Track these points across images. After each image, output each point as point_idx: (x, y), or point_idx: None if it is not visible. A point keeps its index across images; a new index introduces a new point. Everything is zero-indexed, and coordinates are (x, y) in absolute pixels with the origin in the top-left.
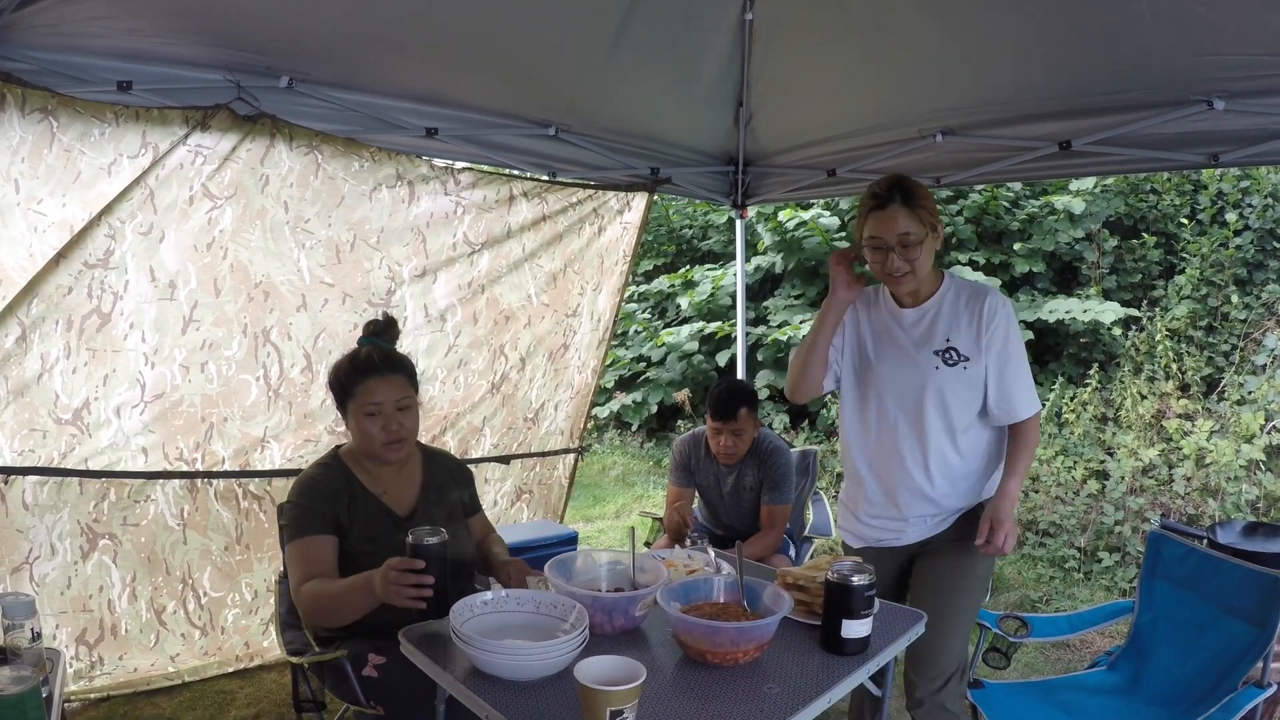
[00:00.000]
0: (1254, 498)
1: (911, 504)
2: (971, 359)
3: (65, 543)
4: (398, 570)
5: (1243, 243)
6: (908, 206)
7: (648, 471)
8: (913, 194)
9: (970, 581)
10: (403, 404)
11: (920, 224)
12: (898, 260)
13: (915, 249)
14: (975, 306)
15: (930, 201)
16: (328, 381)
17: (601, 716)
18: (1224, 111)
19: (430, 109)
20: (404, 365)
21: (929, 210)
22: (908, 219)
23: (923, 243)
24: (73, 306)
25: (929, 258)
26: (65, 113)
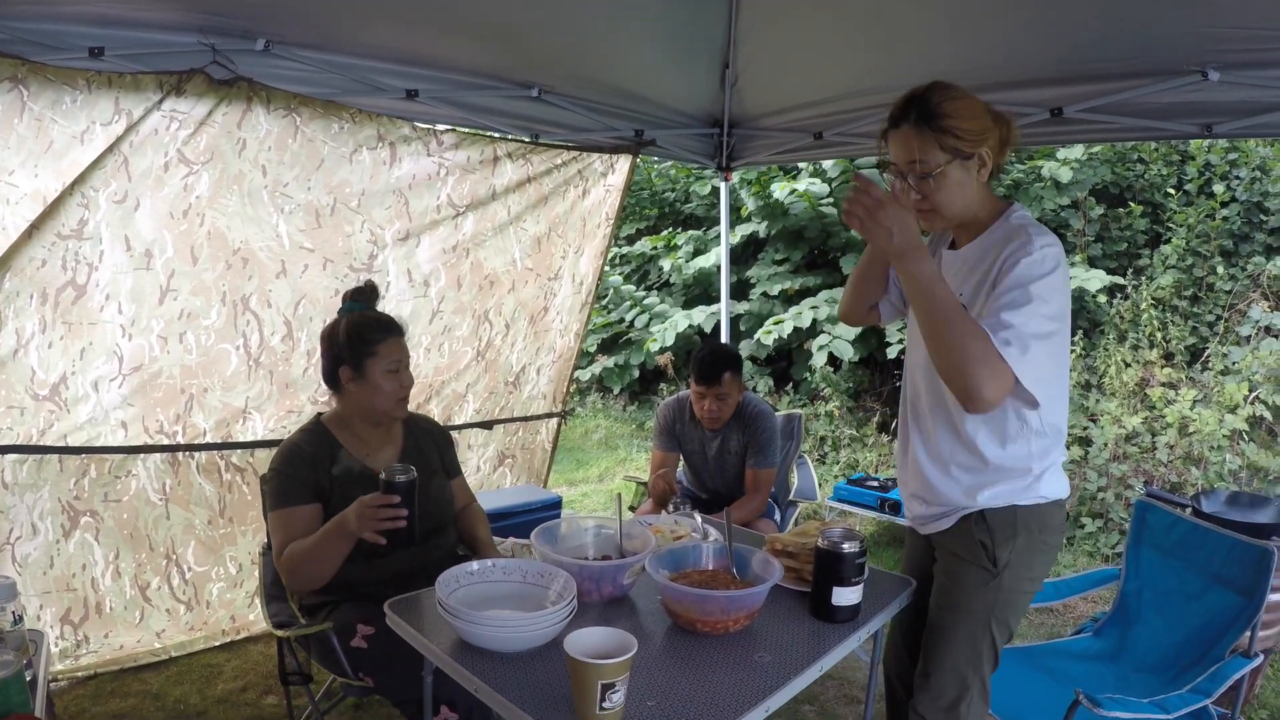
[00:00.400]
0: (1236, 467)
1: (910, 482)
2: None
3: (46, 522)
4: (371, 505)
5: (1229, 214)
6: (923, 126)
7: (630, 435)
8: (934, 111)
9: (958, 607)
10: (408, 363)
11: (939, 149)
12: (913, 193)
13: (931, 181)
14: (998, 252)
15: (968, 119)
16: (335, 341)
17: (593, 690)
18: (1219, 83)
19: (411, 70)
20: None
21: (960, 132)
22: (920, 142)
23: (944, 173)
24: (47, 279)
25: (960, 191)
26: (36, 81)
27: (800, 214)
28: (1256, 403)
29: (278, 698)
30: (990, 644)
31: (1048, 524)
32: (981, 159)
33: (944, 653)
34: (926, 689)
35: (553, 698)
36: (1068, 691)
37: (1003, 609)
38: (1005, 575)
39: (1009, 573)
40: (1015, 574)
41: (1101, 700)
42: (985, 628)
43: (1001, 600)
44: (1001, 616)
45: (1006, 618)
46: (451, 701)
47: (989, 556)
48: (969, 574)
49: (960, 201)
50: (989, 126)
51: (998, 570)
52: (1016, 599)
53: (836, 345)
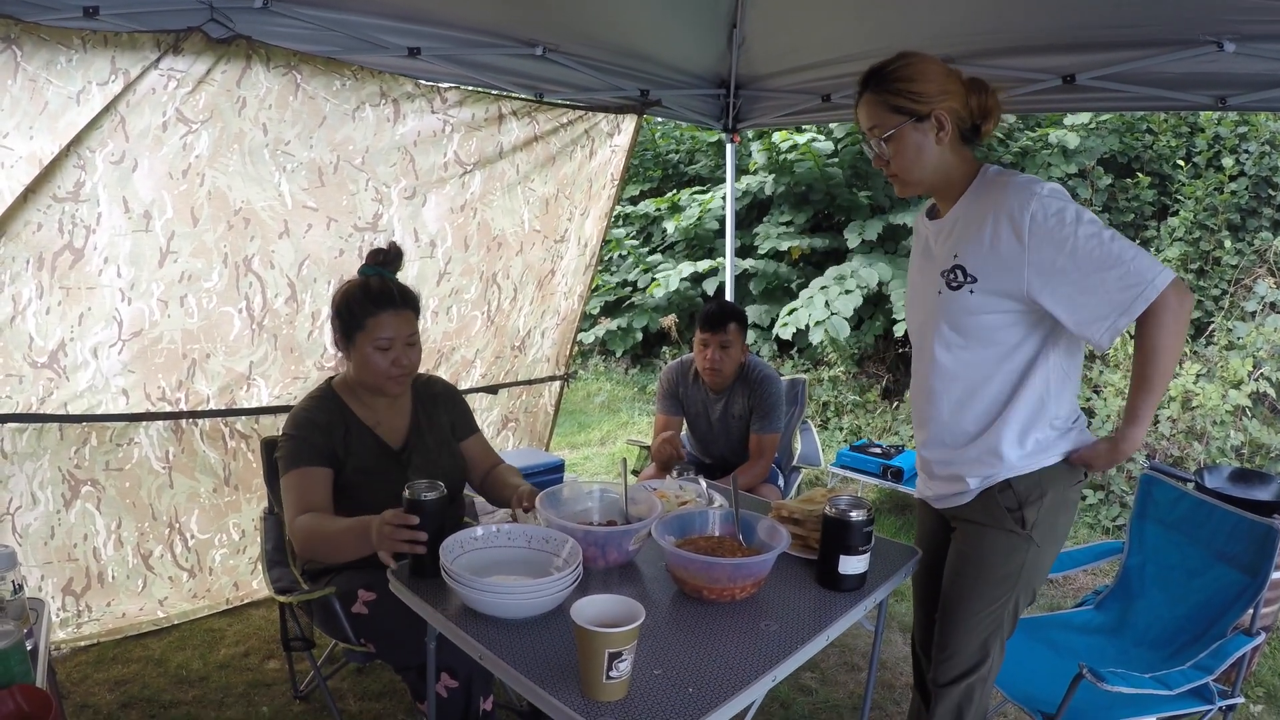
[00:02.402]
0: (1239, 443)
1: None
2: (983, 279)
3: (47, 491)
4: (392, 525)
5: (1238, 188)
6: (878, 91)
7: (633, 398)
8: (884, 76)
9: (985, 575)
10: (411, 339)
11: (891, 111)
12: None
13: (889, 145)
14: (998, 208)
15: (921, 81)
16: (334, 308)
17: (600, 658)
18: (1234, 54)
19: (412, 27)
20: (414, 300)
21: (909, 93)
22: (876, 108)
23: (899, 135)
24: (43, 243)
25: (918, 154)
26: (29, 40)
27: (806, 173)
28: (1260, 379)
29: (280, 663)
30: (1013, 610)
31: (1072, 477)
32: (938, 121)
33: (965, 620)
34: (946, 658)
35: (558, 666)
36: (1069, 664)
37: (1030, 572)
38: (1034, 535)
39: (1038, 532)
40: (1043, 533)
41: (1105, 675)
42: (1010, 593)
43: (1030, 563)
44: (1028, 580)
45: (1033, 581)
46: (451, 669)
47: (1017, 519)
48: (995, 540)
49: (921, 164)
50: (948, 89)
51: (1027, 531)
52: (1044, 560)
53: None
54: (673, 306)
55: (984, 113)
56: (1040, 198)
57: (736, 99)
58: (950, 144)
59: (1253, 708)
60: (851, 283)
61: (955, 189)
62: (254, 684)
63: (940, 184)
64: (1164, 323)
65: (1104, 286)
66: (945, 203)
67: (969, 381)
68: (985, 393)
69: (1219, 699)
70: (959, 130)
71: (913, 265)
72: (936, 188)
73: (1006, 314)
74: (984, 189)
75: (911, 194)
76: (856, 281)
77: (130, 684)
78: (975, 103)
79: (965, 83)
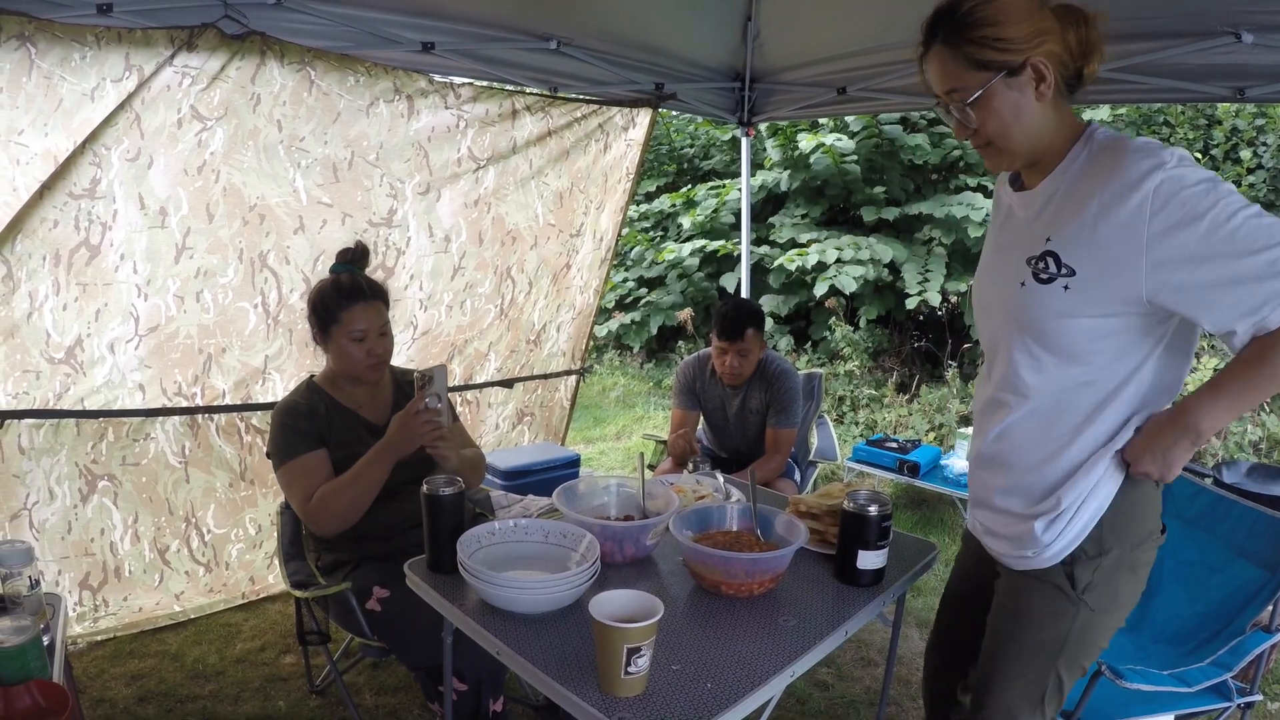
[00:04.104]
0: (1256, 439)
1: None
2: (1081, 271)
3: (64, 486)
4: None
5: (1256, 181)
6: (953, 42)
7: (648, 393)
8: (962, 20)
9: (1019, 637)
10: (383, 329)
11: (975, 67)
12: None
13: (976, 110)
14: (1110, 182)
15: (1009, 23)
16: (310, 306)
17: (618, 654)
18: (1252, 45)
19: (426, 22)
20: (383, 292)
21: (995, 41)
22: (953, 64)
23: (989, 95)
24: (60, 240)
25: (1016, 117)
26: (43, 38)
27: (823, 169)
28: None
29: (296, 657)
30: (1057, 684)
31: (1142, 531)
32: (1037, 71)
33: (1000, 686)
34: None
35: (576, 661)
36: None
37: (1077, 643)
38: (1087, 598)
39: (1092, 596)
40: (1099, 598)
41: (1124, 672)
42: (1050, 665)
43: (1078, 632)
44: (1074, 652)
45: (1081, 653)
46: (460, 673)
47: (1066, 574)
48: (1039, 595)
49: (1021, 130)
50: (1045, 28)
51: (1078, 592)
52: (1097, 631)
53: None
54: (688, 300)
55: (1086, 50)
56: (1167, 169)
57: (751, 92)
58: (1054, 98)
59: (1270, 705)
60: (865, 253)
61: (1056, 154)
62: (270, 679)
63: (1043, 149)
64: None
65: (1254, 273)
66: (1037, 174)
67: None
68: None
69: (1237, 696)
70: (1061, 79)
71: (989, 244)
72: (1038, 154)
73: (1111, 319)
74: (1091, 156)
75: (1008, 167)
76: (871, 253)
77: (147, 678)
78: (1074, 39)
79: (1058, 14)
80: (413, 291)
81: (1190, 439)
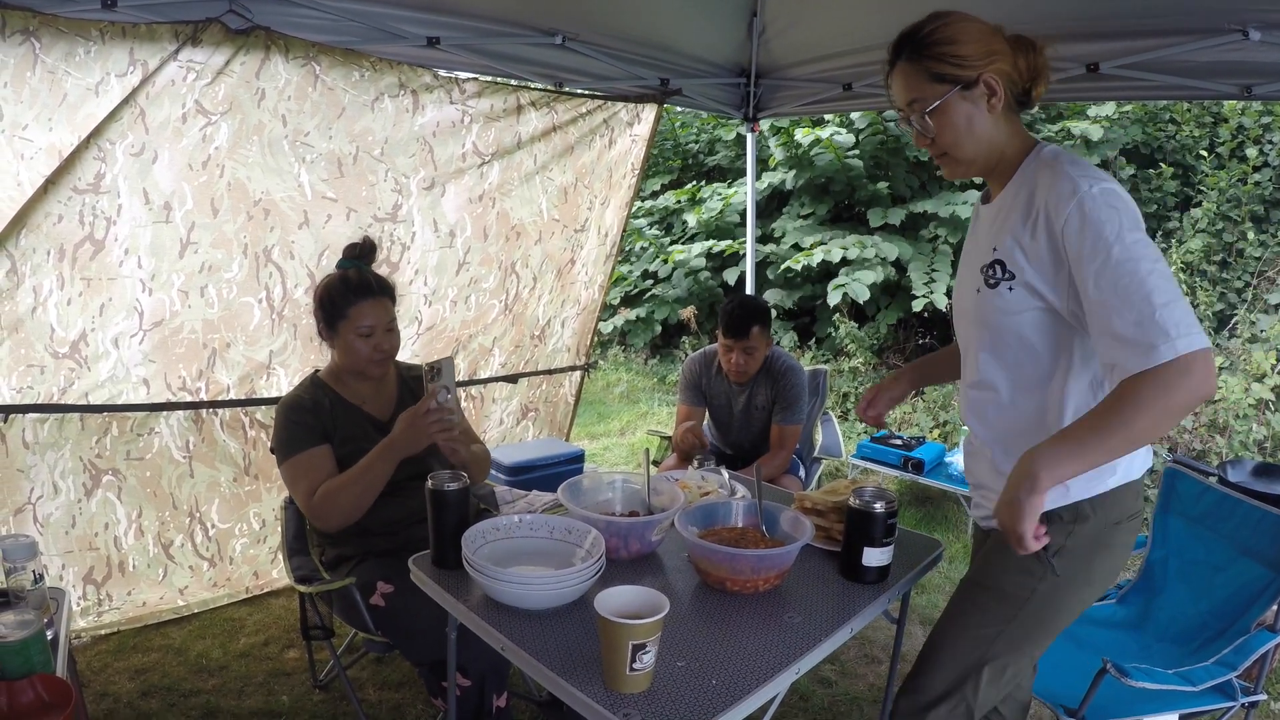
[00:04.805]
0: (1262, 437)
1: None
2: (1020, 275)
3: (68, 481)
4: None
5: (1261, 179)
6: (915, 59)
7: (652, 388)
8: (924, 40)
9: (989, 584)
10: (390, 325)
11: (933, 80)
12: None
13: (934, 119)
14: (1038, 196)
15: (964, 42)
16: (317, 301)
17: (624, 651)
18: (1259, 43)
19: (431, 17)
20: (390, 288)
21: (951, 57)
22: (912, 79)
23: (945, 107)
24: (64, 235)
25: (969, 127)
26: (48, 33)
27: (826, 166)
28: None
29: (299, 652)
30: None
31: (1123, 511)
32: (989, 86)
33: (950, 635)
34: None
35: (581, 657)
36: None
37: (1040, 606)
38: (1056, 563)
39: (1061, 561)
40: (1069, 566)
41: (1129, 670)
42: (1012, 618)
43: (1042, 595)
44: (1036, 615)
45: (1042, 621)
46: (464, 669)
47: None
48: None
49: (973, 140)
50: (996, 49)
51: (1048, 555)
52: (1062, 601)
53: (853, 287)
54: (693, 297)
55: (1034, 74)
56: (1083, 198)
57: (757, 88)
58: (1004, 113)
59: (1274, 705)
60: (871, 252)
61: (1009, 166)
62: (274, 673)
63: (994, 160)
64: (1148, 399)
65: (1115, 322)
66: (997, 184)
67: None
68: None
69: (1242, 695)
70: (1011, 96)
71: (963, 258)
72: (990, 165)
73: (1047, 313)
74: (1034, 171)
75: (963, 175)
76: (877, 252)
77: (150, 673)
78: (1024, 63)
79: (1010, 40)
80: (417, 287)
81: (1028, 486)
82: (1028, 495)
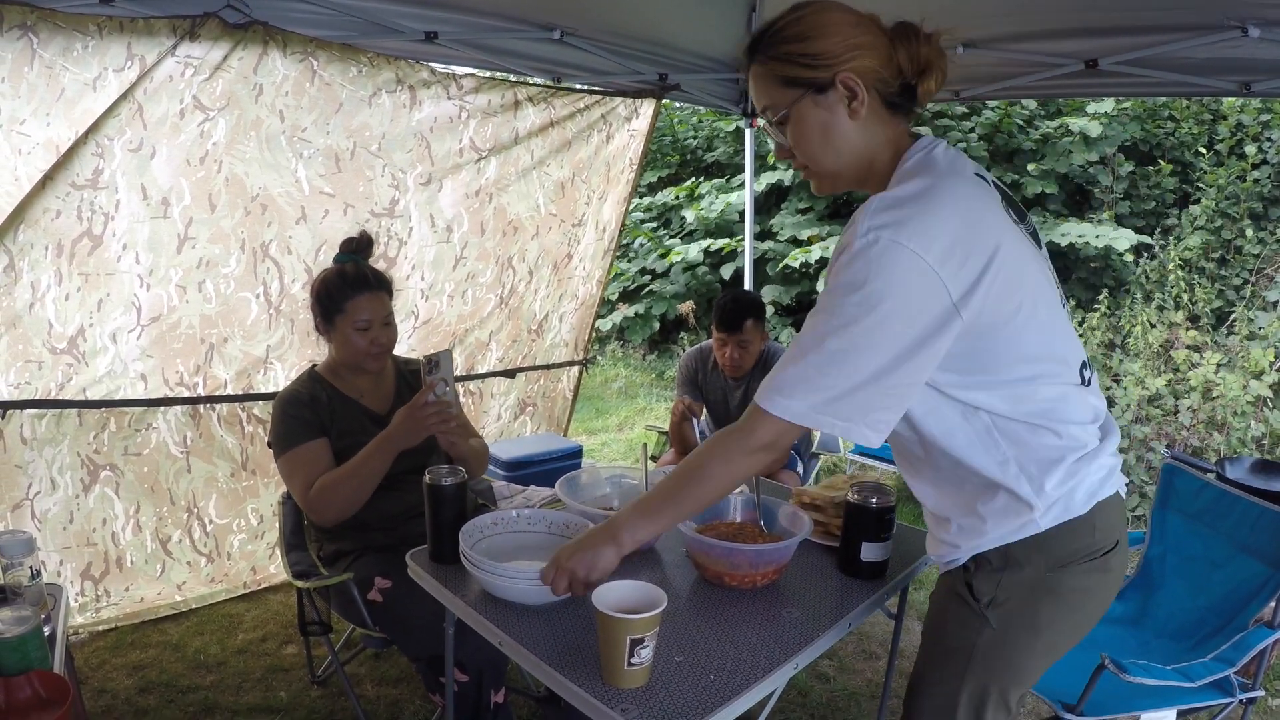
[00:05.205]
0: (1260, 434)
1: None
2: None
3: (66, 476)
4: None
5: (1260, 177)
6: (763, 60)
7: (650, 384)
8: (772, 40)
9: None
10: (387, 319)
11: (781, 85)
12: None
13: (788, 129)
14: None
15: (817, 38)
16: (314, 295)
17: (621, 645)
18: (1258, 39)
19: (429, 12)
20: (387, 282)
21: (801, 57)
22: (762, 83)
23: (796, 114)
24: (62, 230)
25: (824, 136)
26: (45, 27)
27: None
28: None
29: (297, 648)
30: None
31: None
32: (848, 88)
33: (919, 690)
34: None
35: (578, 652)
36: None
37: (986, 659)
38: (990, 615)
39: (996, 614)
40: (1004, 618)
41: (1128, 666)
42: (962, 674)
43: (984, 648)
44: (986, 668)
45: (997, 675)
46: (462, 664)
47: (966, 583)
48: (948, 599)
49: (832, 151)
50: (859, 43)
51: (980, 606)
52: (1007, 653)
53: None
54: (690, 292)
55: (920, 67)
56: (861, 233)
57: None
58: (871, 117)
59: (1272, 701)
60: None
61: (881, 179)
62: (271, 669)
63: (863, 171)
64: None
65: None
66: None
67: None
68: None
69: (1240, 691)
70: (882, 97)
71: None
72: (860, 177)
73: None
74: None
75: (830, 190)
76: None
77: (148, 669)
78: (904, 56)
79: (887, 31)
80: (414, 281)
81: (614, 548)
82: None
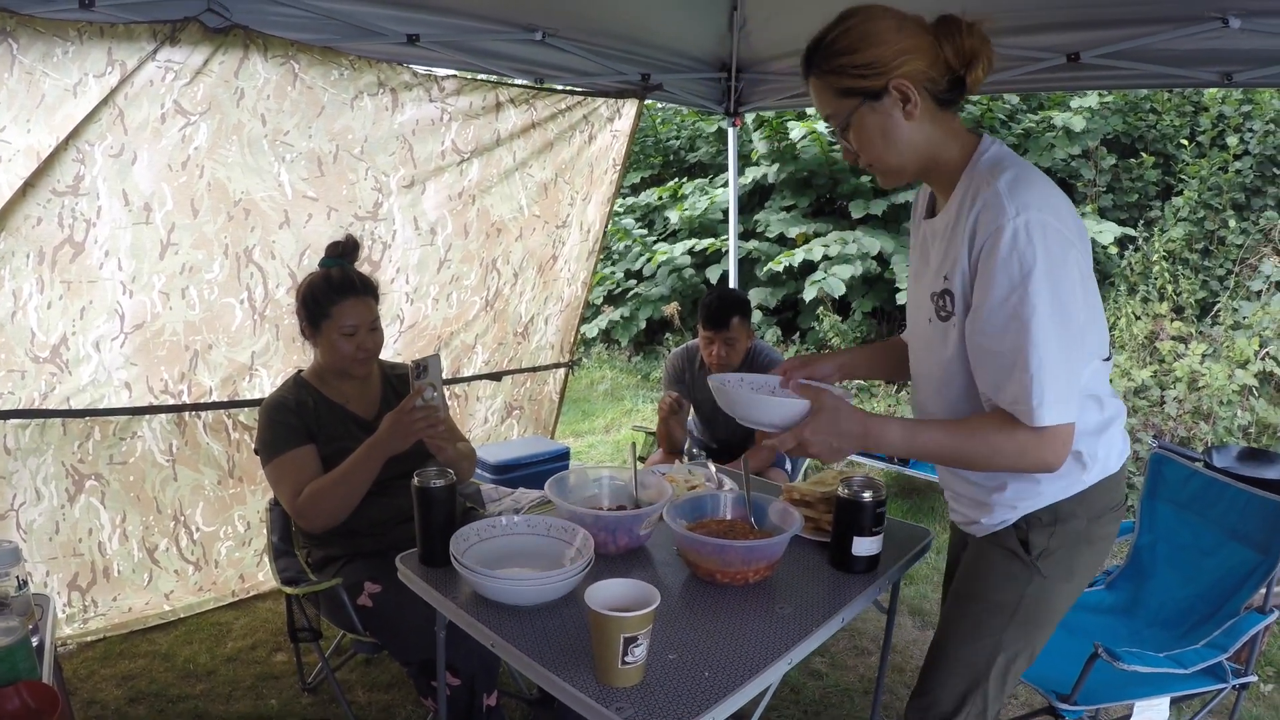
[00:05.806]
0: (1246, 423)
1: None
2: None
3: (51, 486)
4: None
5: (1242, 167)
6: (819, 74)
7: (636, 385)
8: (825, 51)
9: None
10: (373, 324)
11: (839, 96)
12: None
13: (851, 136)
14: (979, 225)
15: (865, 48)
16: (299, 300)
17: (615, 644)
18: (1239, 30)
19: (410, 14)
20: (373, 287)
21: (854, 69)
22: (821, 95)
23: (856, 122)
24: (43, 237)
25: (884, 139)
26: (25, 33)
27: (810, 159)
28: (1267, 358)
29: (287, 655)
30: (1008, 649)
31: (1104, 504)
32: (901, 93)
33: (949, 654)
34: (922, 705)
35: (572, 652)
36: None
37: (1031, 609)
38: (1041, 565)
39: (1046, 563)
40: (1054, 567)
41: (1121, 654)
42: (1004, 626)
43: (1032, 598)
44: (1028, 619)
45: (1034, 624)
46: (454, 668)
47: (1021, 540)
48: (995, 559)
49: (895, 150)
50: (906, 47)
51: (1032, 558)
52: (1051, 601)
53: (829, 283)
54: (676, 294)
55: (966, 59)
56: (1008, 231)
57: (738, 82)
58: (925, 115)
59: (1263, 687)
60: (853, 247)
61: (950, 169)
62: (262, 676)
63: (929, 165)
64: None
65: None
66: (941, 191)
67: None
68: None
69: (1233, 677)
70: (932, 95)
71: (911, 271)
72: (925, 170)
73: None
74: (976, 186)
75: (898, 182)
76: (858, 247)
77: (137, 679)
78: (950, 51)
79: (932, 29)
80: (399, 285)
81: (858, 441)
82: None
